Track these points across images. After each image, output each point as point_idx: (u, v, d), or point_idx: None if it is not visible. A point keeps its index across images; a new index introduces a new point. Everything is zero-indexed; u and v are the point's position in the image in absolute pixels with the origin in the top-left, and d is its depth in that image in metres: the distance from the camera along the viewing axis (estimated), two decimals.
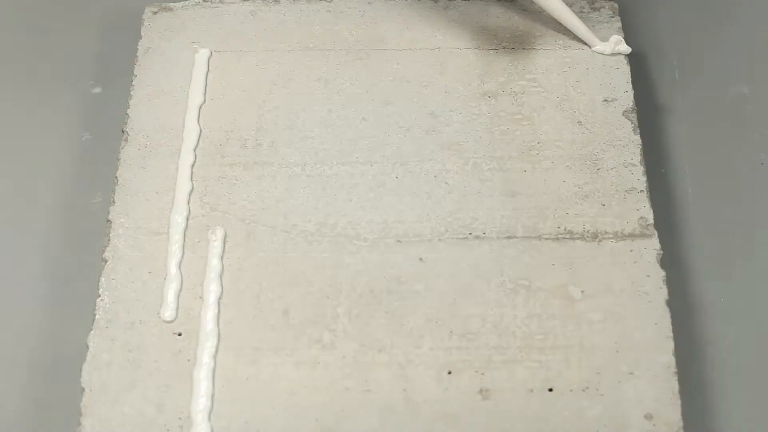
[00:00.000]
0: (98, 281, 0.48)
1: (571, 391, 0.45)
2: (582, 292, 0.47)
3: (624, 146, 0.51)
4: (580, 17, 0.55)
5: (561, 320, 0.47)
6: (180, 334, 0.47)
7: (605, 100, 0.53)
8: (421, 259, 0.48)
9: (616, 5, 0.56)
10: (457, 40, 0.55)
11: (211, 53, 0.55)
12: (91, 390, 0.45)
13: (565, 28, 0.55)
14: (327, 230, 0.49)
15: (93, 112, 0.57)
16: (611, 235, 0.49)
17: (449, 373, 0.46)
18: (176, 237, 0.49)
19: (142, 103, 0.53)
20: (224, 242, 0.49)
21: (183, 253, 0.49)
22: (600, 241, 0.49)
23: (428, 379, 0.45)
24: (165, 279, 0.48)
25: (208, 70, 0.54)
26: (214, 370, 0.46)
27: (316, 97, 0.53)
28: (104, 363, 0.46)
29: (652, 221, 0.49)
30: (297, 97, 0.53)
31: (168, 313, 0.47)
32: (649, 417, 0.44)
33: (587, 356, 0.46)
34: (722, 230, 0.53)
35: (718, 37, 0.60)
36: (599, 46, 0.54)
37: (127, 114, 0.53)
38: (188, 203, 0.50)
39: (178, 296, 0.47)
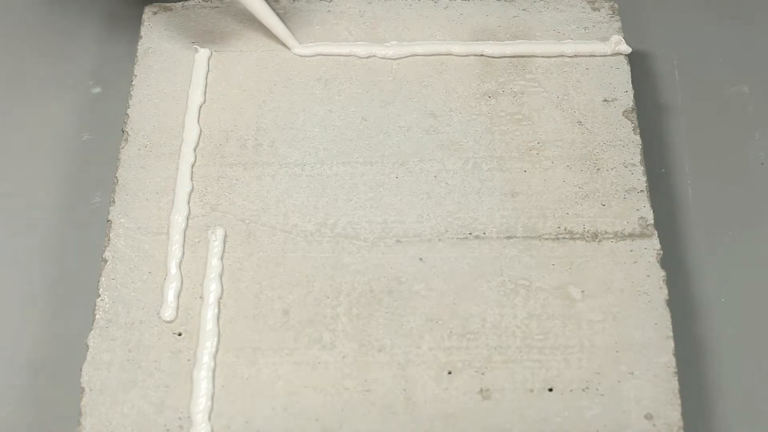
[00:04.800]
0: (98, 281, 0.48)
1: (571, 391, 0.45)
2: (582, 292, 0.47)
3: (624, 146, 0.51)
4: (581, 17, 0.56)
5: (561, 320, 0.47)
6: (180, 334, 0.47)
7: (605, 100, 0.53)
8: (421, 259, 0.48)
9: (616, 5, 0.56)
10: (457, 40, 0.55)
11: (211, 53, 0.55)
12: (91, 390, 0.45)
13: (564, 27, 0.55)
14: (327, 230, 0.49)
15: (93, 112, 0.57)
16: (611, 235, 0.49)
17: (449, 373, 0.46)
18: (176, 237, 0.49)
19: (142, 103, 0.53)
20: (224, 242, 0.49)
21: (183, 253, 0.49)
22: (600, 241, 0.49)
23: (428, 379, 0.45)
24: (165, 279, 0.48)
25: (208, 70, 0.54)
26: (214, 370, 0.46)
27: (316, 97, 0.53)
28: (104, 363, 0.46)
29: (652, 221, 0.49)
30: (297, 97, 0.53)
31: (168, 313, 0.47)
32: (649, 417, 0.44)
33: (587, 356, 0.46)
34: (722, 230, 0.53)
35: (718, 37, 0.60)
36: (298, 49, 0.54)
37: (127, 114, 0.53)
38: (188, 203, 0.50)
39: (178, 296, 0.48)
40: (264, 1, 0.54)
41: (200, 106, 0.53)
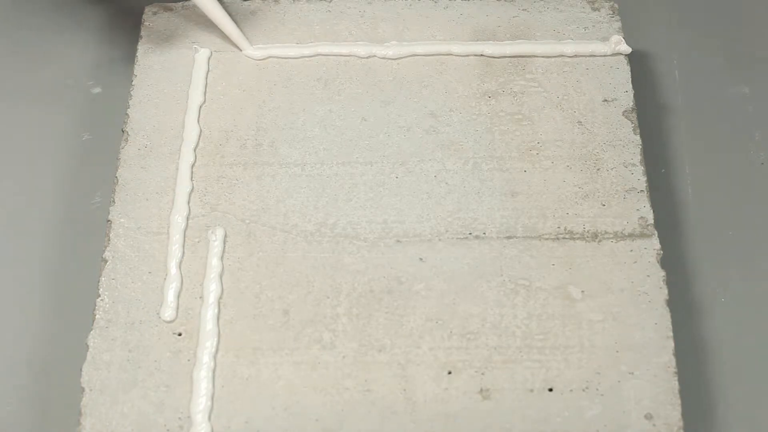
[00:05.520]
0: (98, 281, 0.48)
1: (571, 391, 0.45)
2: (582, 292, 0.47)
3: (624, 146, 0.51)
4: (581, 17, 0.55)
5: (561, 320, 0.47)
6: (180, 334, 0.47)
7: (605, 100, 0.53)
8: (421, 259, 0.48)
9: (616, 5, 0.56)
10: (457, 40, 0.55)
11: (211, 53, 0.55)
12: (91, 390, 0.45)
13: (564, 27, 0.55)
14: (327, 230, 0.49)
15: (93, 112, 0.57)
16: (611, 235, 0.49)
17: (449, 373, 0.46)
18: (176, 237, 0.49)
19: (142, 103, 0.53)
20: (224, 242, 0.49)
21: (183, 253, 0.49)
22: (600, 241, 0.49)
23: (428, 379, 0.45)
24: (165, 279, 0.48)
25: (208, 70, 0.54)
26: (214, 370, 0.46)
27: (316, 97, 0.53)
28: (104, 363, 0.46)
29: (652, 221, 0.49)
30: (297, 97, 0.53)
31: (168, 313, 0.47)
32: (649, 417, 0.44)
33: (587, 356, 0.46)
34: (722, 230, 0.53)
35: (718, 37, 0.60)
36: (249, 50, 0.54)
37: (127, 114, 0.53)
38: (188, 203, 0.50)
39: (178, 296, 0.48)
40: (216, 1, 0.54)
41: (200, 106, 0.53)
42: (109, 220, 0.50)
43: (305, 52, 0.54)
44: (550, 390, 0.45)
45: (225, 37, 0.55)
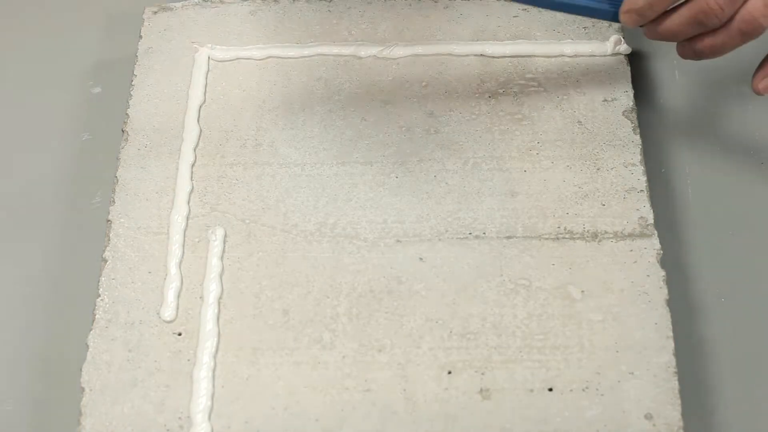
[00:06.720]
0: (98, 281, 0.48)
1: (571, 391, 0.45)
2: (582, 292, 0.47)
3: (624, 146, 0.51)
4: (581, 17, 0.55)
5: (561, 320, 0.47)
6: (180, 334, 0.47)
7: (605, 100, 0.53)
8: (421, 259, 0.48)
9: None
10: (457, 40, 0.55)
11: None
12: (91, 390, 0.45)
13: (564, 27, 0.55)
14: (327, 230, 0.49)
15: (93, 112, 0.57)
16: (611, 235, 0.49)
17: (449, 373, 0.46)
18: (176, 237, 0.49)
19: (142, 103, 0.53)
20: (224, 242, 0.49)
21: (183, 253, 0.49)
22: (600, 241, 0.49)
23: (428, 379, 0.45)
24: (165, 279, 0.48)
25: (208, 70, 0.54)
26: (214, 370, 0.46)
27: (316, 97, 0.53)
28: (104, 363, 0.46)
29: (652, 221, 0.49)
30: (297, 97, 0.53)
31: (168, 313, 0.47)
32: (649, 417, 0.44)
33: (587, 356, 0.46)
34: (722, 230, 0.53)
35: None
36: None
37: (127, 114, 0.53)
38: (188, 203, 0.50)
39: (178, 296, 0.48)
40: None
41: (200, 106, 0.53)
42: (109, 220, 0.50)
43: (305, 52, 0.55)
44: (550, 390, 0.45)
45: (226, 37, 0.55)
